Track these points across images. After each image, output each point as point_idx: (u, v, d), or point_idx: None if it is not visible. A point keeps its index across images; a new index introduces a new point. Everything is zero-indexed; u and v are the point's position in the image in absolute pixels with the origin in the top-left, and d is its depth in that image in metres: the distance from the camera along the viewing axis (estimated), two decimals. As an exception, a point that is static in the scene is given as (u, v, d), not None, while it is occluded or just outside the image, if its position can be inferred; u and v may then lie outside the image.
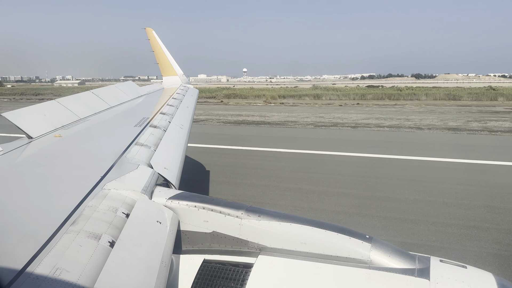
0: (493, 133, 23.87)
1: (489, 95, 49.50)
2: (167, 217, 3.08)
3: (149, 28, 17.03)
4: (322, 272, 2.75)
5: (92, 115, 7.02)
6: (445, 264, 2.65)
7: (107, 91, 9.20)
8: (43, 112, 5.83)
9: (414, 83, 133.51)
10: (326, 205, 11.40)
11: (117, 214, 2.73)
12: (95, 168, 3.71)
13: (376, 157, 17.30)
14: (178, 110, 8.96)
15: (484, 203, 11.28)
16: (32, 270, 1.93)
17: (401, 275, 2.60)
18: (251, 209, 3.16)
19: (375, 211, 10.90)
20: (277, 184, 13.48)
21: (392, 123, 28.23)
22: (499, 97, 47.61)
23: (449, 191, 12.36)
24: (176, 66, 17.18)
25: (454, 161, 16.23)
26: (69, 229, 2.39)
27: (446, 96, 50.35)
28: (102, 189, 3.15)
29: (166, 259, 2.59)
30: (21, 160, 4.28)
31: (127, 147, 4.68)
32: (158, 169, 4.08)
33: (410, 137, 22.94)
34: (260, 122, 30.51)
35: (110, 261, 2.18)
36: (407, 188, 12.73)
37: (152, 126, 6.27)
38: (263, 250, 3.03)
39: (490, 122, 28.41)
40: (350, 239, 2.83)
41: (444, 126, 26.89)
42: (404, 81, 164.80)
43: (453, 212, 10.70)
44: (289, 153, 18.56)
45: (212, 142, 21.04)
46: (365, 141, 21.86)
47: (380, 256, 2.72)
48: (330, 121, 30.38)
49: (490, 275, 2.57)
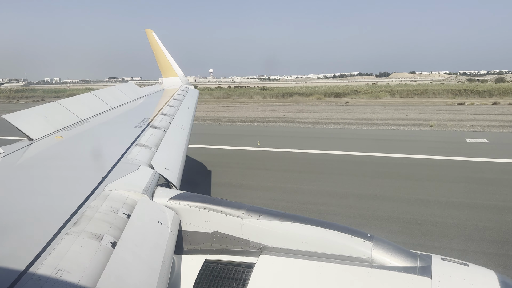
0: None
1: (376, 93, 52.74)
2: (168, 218, 3.08)
3: (149, 29, 17.04)
4: (323, 271, 2.74)
5: (93, 117, 7.03)
6: (446, 262, 2.65)
7: (108, 93, 9.22)
8: (44, 114, 5.84)
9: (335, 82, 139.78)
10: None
11: (118, 214, 2.73)
12: (96, 169, 3.72)
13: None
14: (179, 111, 8.97)
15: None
16: (34, 271, 1.93)
17: (403, 273, 2.59)
18: (252, 208, 3.16)
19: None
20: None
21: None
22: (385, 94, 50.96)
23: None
24: (176, 67, 17.18)
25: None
26: (71, 230, 2.39)
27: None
28: (104, 190, 3.15)
29: (168, 260, 2.59)
30: (22, 162, 4.29)
31: (128, 148, 4.68)
32: (159, 169, 4.08)
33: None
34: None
35: (112, 262, 2.18)
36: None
37: (152, 127, 6.28)
38: (264, 249, 3.03)
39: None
40: (352, 238, 2.82)
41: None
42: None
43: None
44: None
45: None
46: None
47: (382, 255, 2.72)
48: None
49: (492, 273, 2.57)
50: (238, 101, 51.78)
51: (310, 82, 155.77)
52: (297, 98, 52.84)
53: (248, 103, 47.30)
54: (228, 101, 51.29)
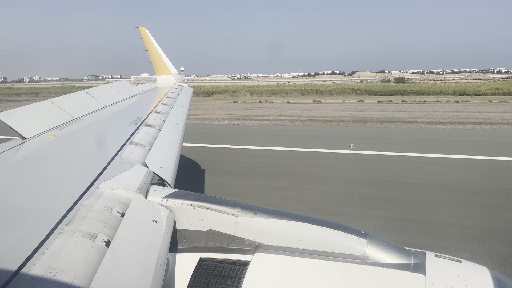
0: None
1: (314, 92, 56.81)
2: (163, 216, 3.07)
3: (143, 27, 16.93)
4: (318, 269, 2.75)
5: (86, 115, 6.97)
6: (440, 259, 2.67)
7: (101, 91, 9.15)
8: (36, 112, 5.79)
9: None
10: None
11: (112, 213, 2.71)
12: (90, 168, 3.69)
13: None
14: (173, 109, 8.94)
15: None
16: (27, 271, 1.91)
17: (397, 270, 2.61)
18: (247, 206, 3.16)
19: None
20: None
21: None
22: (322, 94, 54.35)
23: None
24: (170, 65, 17.09)
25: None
26: (64, 229, 2.38)
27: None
28: (97, 188, 3.13)
29: (162, 258, 2.58)
30: (15, 161, 4.24)
31: (121, 146, 4.66)
32: (153, 168, 4.06)
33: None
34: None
35: (106, 261, 2.17)
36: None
37: (146, 125, 6.25)
38: (259, 247, 3.03)
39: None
40: (346, 235, 2.84)
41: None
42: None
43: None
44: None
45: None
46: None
47: (376, 252, 2.73)
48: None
49: (485, 269, 2.60)
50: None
51: (276, 80, 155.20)
52: (218, 97, 56.53)
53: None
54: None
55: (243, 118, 31.73)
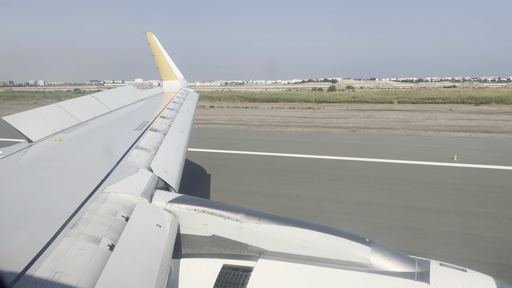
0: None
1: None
2: (167, 221, 3.08)
3: (150, 32, 17.08)
4: (322, 276, 2.74)
5: (93, 119, 7.03)
6: (445, 268, 2.64)
7: (108, 95, 9.23)
8: (44, 115, 5.85)
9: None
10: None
11: (116, 217, 2.73)
12: (95, 172, 3.71)
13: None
14: (178, 114, 8.99)
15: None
16: (32, 273, 1.93)
17: (401, 278, 2.59)
18: (251, 212, 3.15)
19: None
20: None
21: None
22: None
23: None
24: (176, 70, 17.21)
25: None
26: (69, 232, 2.39)
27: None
28: (102, 192, 3.15)
29: (166, 263, 2.58)
30: (22, 164, 4.28)
31: (127, 151, 4.68)
32: (158, 172, 4.08)
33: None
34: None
35: (110, 265, 2.17)
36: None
37: (152, 129, 6.29)
38: (263, 253, 3.02)
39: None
40: (350, 243, 2.82)
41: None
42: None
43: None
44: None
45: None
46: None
47: (380, 260, 2.71)
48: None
49: (490, 279, 2.56)
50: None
51: (264, 87, 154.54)
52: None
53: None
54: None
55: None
